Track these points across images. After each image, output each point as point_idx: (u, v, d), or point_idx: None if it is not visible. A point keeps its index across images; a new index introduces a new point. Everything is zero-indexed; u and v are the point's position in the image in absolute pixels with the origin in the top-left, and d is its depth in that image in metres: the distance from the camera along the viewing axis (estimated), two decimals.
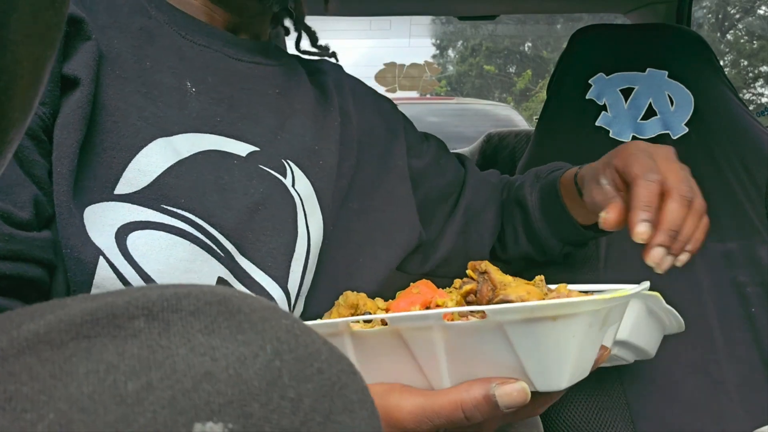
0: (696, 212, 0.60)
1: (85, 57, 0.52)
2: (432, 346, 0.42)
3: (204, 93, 0.60)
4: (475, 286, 0.44)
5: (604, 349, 0.45)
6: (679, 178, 0.60)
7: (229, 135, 0.60)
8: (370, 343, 0.44)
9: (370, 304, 0.47)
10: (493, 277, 0.44)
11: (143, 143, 0.54)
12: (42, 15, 0.19)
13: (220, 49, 0.63)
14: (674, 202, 0.58)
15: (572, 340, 0.39)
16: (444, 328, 0.41)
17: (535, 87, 12.48)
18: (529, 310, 0.38)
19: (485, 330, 0.40)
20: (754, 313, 0.88)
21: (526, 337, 0.39)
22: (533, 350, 0.39)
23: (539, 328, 0.39)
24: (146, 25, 0.60)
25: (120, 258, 0.50)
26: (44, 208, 0.50)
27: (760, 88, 10.69)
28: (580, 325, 0.39)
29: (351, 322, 0.45)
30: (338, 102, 0.73)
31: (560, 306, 0.38)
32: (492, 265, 0.45)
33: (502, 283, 0.43)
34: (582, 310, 0.38)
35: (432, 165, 0.81)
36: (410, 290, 0.49)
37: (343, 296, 0.48)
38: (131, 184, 0.53)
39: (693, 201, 0.60)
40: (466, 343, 0.41)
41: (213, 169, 0.57)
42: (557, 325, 0.38)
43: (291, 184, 0.62)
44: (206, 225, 0.55)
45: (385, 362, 0.45)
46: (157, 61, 0.59)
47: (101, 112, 0.53)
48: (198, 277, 0.53)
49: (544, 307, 0.38)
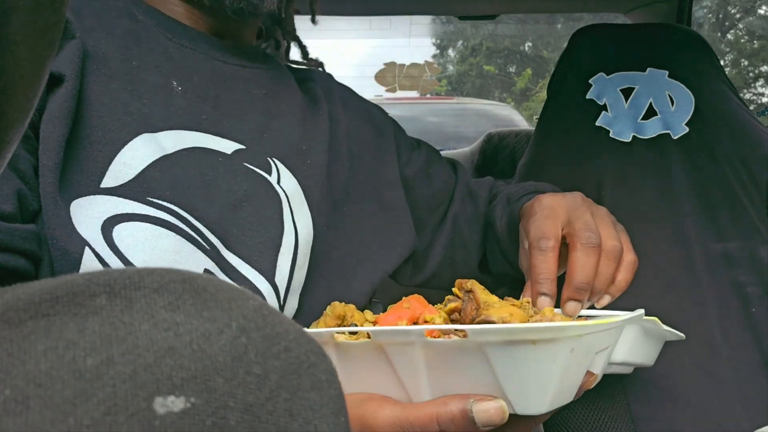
0: (608, 255, 0.56)
1: (69, 54, 0.53)
2: (413, 361, 0.42)
3: (190, 91, 0.61)
4: (460, 305, 0.45)
5: (591, 374, 0.44)
6: (583, 226, 0.56)
7: (215, 132, 0.61)
8: (353, 354, 0.45)
9: (357, 315, 0.48)
10: (477, 296, 0.44)
11: (128, 137, 0.55)
12: (41, 15, 0.19)
13: (206, 52, 0.64)
14: (577, 252, 0.55)
15: (552, 364, 0.39)
16: (426, 344, 0.41)
17: (535, 87, 12.48)
18: (508, 333, 0.38)
19: (466, 349, 0.40)
20: (754, 313, 0.88)
21: (505, 360, 0.39)
22: (512, 373, 0.39)
23: (519, 351, 0.38)
24: (133, 28, 0.61)
25: (106, 249, 0.51)
26: (28, 202, 0.50)
27: (761, 87, 10.69)
28: (561, 350, 0.38)
29: (336, 333, 0.45)
30: (327, 108, 0.74)
31: (540, 330, 0.38)
32: (478, 284, 0.45)
33: (486, 303, 0.43)
34: (563, 335, 0.38)
35: (419, 174, 0.80)
36: (401, 304, 0.49)
37: (331, 307, 0.48)
38: (117, 177, 0.54)
39: (602, 245, 0.56)
40: (447, 361, 0.41)
41: (197, 165, 0.58)
42: (537, 349, 0.38)
43: (276, 182, 0.63)
44: (191, 218, 0.55)
45: (367, 374, 0.45)
46: (144, 61, 0.59)
47: (87, 107, 0.54)
48: (184, 268, 0.53)
49: (524, 331, 0.38)
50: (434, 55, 14.68)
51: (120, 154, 0.54)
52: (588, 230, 0.55)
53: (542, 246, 0.55)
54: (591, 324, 0.39)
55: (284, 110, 0.68)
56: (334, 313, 0.48)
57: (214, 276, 0.23)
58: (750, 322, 0.88)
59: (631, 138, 0.98)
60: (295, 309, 0.63)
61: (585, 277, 0.54)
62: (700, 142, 0.97)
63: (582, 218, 0.57)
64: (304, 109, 0.71)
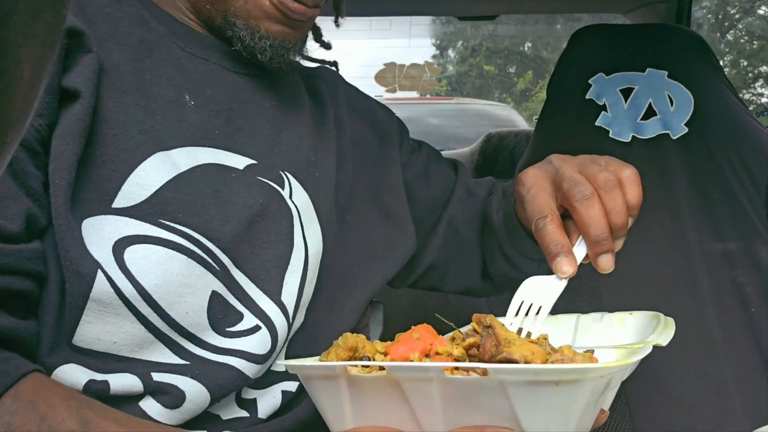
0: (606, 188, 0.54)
1: (86, 70, 0.53)
2: (430, 397, 0.42)
3: (202, 106, 0.60)
4: (478, 340, 0.44)
5: (603, 412, 0.45)
6: (570, 185, 0.54)
7: (227, 148, 0.61)
8: (367, 387, 0.45)
9: (369, 346, 0.48)
10: (497, 332, 0.44)
11: (142, 157, 0.55)
12: (42, 16, 0.19)
13: (218, 62, 0.64)
14: (578, 211, 0.53)
15: (573, 405, 0.39)
16: (444, 381, 0.41)
17: (535, 87, 12.49)
18: (533, 373, 0.38)
19: (486, 387, 0.40)
20: (754, 313, 0.88)
21: (527, 399, 0.39)
22: (533, 411, 0.40)
23: (541, 391, 0.39)
24: (146, 37, 0.60)
25: (117, 272, 0.51)
26: (37, 221, 0.50)
27: (760, 88, 10.69)
28: (583, 391, 0.39)
29: (349, 366, 0.45)
30: (333, 112, 0.73)
31: (565, 372, 0.38)
32: (497, 320, 0.45)
33: (506, 340, 0.43)
34: (586, 377, 0.38)
35: (419, 177, 0.79)
36: (410, 335, 0.48)
37: (343, 338, 0.48)
38: (129, 197, 0.53)
39: (596, 186, 0.54)
40: (465, 398, 0.41)
41: (211, 182, 0.58)
42: (560, 389, 0.38)
43: (288, 196, 0.63)
44: (203, 239, 0.55)
45: (380, 407, 0.45)
46: (156, 74, 0.59)
47: (101, 125, 0.54)
48: (192, 291, 0.54)
49: (549, 372, 0.38)
50: (434, 56, 14.69)
51: (133, 174, 0.54)
52: (575, 185, 0.54)
53: (539, 224, 0.55)
54: (613, 365, 0.39)
55: (294, 121, 0.68)
56: (346, 345, 0.48)
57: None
58: (750, 322, 0.88)
59: (631, 138, 0.98)
60: (301, 323, 0.63)
61: (598, 227, 0.53)
62: (699, 142, 0.97)
63: (565, 178, 0.55)
64: (311, 118, 0.70)
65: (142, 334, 0.52)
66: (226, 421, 0.57)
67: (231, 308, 0.57)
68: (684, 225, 0.92)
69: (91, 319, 0.51)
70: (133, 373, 0.52)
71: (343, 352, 0.47)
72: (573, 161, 0.59)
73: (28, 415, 0.44)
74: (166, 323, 0.53)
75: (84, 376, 0.51)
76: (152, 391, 0.53)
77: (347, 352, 0.47)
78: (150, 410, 0.53)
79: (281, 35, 0.61)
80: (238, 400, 0.58)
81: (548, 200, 0.56)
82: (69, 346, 0.51)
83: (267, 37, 0.60)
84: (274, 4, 0.60)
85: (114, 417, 0.47)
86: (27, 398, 0.45)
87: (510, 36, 13.17)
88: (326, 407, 0.48)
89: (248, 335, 0.57)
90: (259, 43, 0.60)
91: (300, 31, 0.63)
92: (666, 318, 0.55)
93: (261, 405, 0.59)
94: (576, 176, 0.55)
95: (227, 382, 0.55)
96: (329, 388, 0.47)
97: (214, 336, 0.56)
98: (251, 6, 0.60)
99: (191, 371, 0.54)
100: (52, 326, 0.51)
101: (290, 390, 0.61)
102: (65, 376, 0.51)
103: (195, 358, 0.55)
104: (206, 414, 0.56)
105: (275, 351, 0.59)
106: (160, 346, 0.53)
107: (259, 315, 0.58)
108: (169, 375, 0.53)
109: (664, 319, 0.55)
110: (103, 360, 0.52)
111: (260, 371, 0.58)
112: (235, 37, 0.61)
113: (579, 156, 0.60)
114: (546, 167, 0.60)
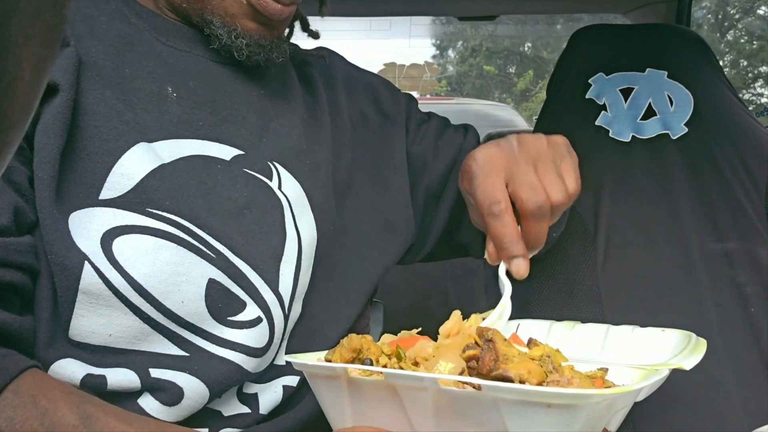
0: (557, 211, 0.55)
1: (64, 63, 0.53)
2: (424, 405, 0.43)
3: (185, 97, 0.60)
4: (479, 353, 0.44)
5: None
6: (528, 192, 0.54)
7: (212, 138, 0.60)
8: (366, 390, 0.46)
9: (374, 348, 0.48)
10: (497, 347, 0.43)
11: (125, 147, 0.54)
12: (42, 16, 0.19)
13: (202, 54, 0.63)
14: (528, 222, 0.54)
15: (567, 428, 0.39)
16: (439, 392, 0.42)
17: (535, 87, 12.48)
18: (524, 393, 0.39)
19: (479, 401, 0.41)
20: (754, 313, 0.88)
21: (519, 417, 0.39)
22: (526, 430, 0.40)
23: (533, 411, 0.39)
24: (125, 32, 0.60)
25: (105, 263, 0.51)
26: (25, 215, 0.50)
27: (760, 88, 10.69)
28: (578, 416, 0.39)
29: (350, 368, 0.46)
30: (326, 97, 0.72)
31: (556, 395, 0.38)
32: (500, 334, 0.45)
33: (506, 356, 0.43)
34: (578, 403, 0.38)
35: (429, 149, 0.77)
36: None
37: (348, 339, 0.49)
38: (115, 188, 0.53)
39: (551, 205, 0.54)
40: (458, 410, 0.42)
41: (196, 174, 0.57)
42: (551, 412, 0.38)
43: (277, 187, 0.62)
44: (193, 227, 0.55)
45: (377, 410, 0.46)
46: (136, 68, 0.59)
47: (82, 117, 0.54)
48: (187, 279, 0.53)
49: (540, 394, 0.38)
50: (434, 56, 14.69)
51: (117, 164, 0.54)
52: (534, 196, 0.53)
53: (494, 211, 0.54)
54: (609, 393, 0.39)
55: (284, 109, 0.67)
56: (350, 346, 0.48)
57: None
58: (749, 322, 0.88)
59: (631, 138, 0.98)
60: (299, 314, 0.62)
61: (538, 242, 0.55)
62: (699, 143, 0.97)
63: (525, 179, 0.54)
64: (303, 105, 0.69)
65: (138, 325, 0.52)
66: (227, 417, 0.57)
67: (233, 296, 0.56)
68: (684, 225, 0.92)
69: (83, 312, 0.51)
70: (131, 368, 0.52)
71: (347, 353, 0.48)
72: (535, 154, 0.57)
73: (30, 410, 0.45)
74: (161, 313, 0.53)
75: (81, 371, 0.51)
76: (150, 387, 0.53)
77: (351, 353, 0.48)
78: (148, 407, 0.53)
79: (257, 33, 0.61)
80: (240, 395, 0.58)
81: (504, 185, 0.55)
82: (66, 340, 0.52)
83: (243, 35, 0.60)
84: (250, 2, 0.59)
85: (114, 412, 0.48)
86: (28, 393, 0.45)
87: (510, 36, 13.16)
88: (328, 405, 0.49)
89: (249, 327, 0.57)
90: (235, 42, 0.60)
91: (276, 30, 0.63)
92: (698, 339, 0.54)
93: (262, 400, 0.59)
94: (537, 184, 0.54)
95: (226, 377, 0.55)
96: (332, 387, 0.48)
97: (215, 325, 0.55)
98: (228, 3, 0.60)
99: (190, 366, 0.54)
100: (47, 321, 0.51)
101: (291, 385, 0.61)
102: (62, 370, 0.51)
103: (195, 349, 0.54)
104: (207, 411, 0.56)
105: (272, 344, 0.58)
106: (158, 338, 0.53)
107: (262, 305, 0.58)
108: (168, 371, 0.53)
109: (695, 340, 0.55)
110: (100, 354, 0.52)
111: (259, 365, 0.58)
112: (212, 36, 0.61)
113: (538, 145, 0.58)
114: (505, 150, 0.58)
